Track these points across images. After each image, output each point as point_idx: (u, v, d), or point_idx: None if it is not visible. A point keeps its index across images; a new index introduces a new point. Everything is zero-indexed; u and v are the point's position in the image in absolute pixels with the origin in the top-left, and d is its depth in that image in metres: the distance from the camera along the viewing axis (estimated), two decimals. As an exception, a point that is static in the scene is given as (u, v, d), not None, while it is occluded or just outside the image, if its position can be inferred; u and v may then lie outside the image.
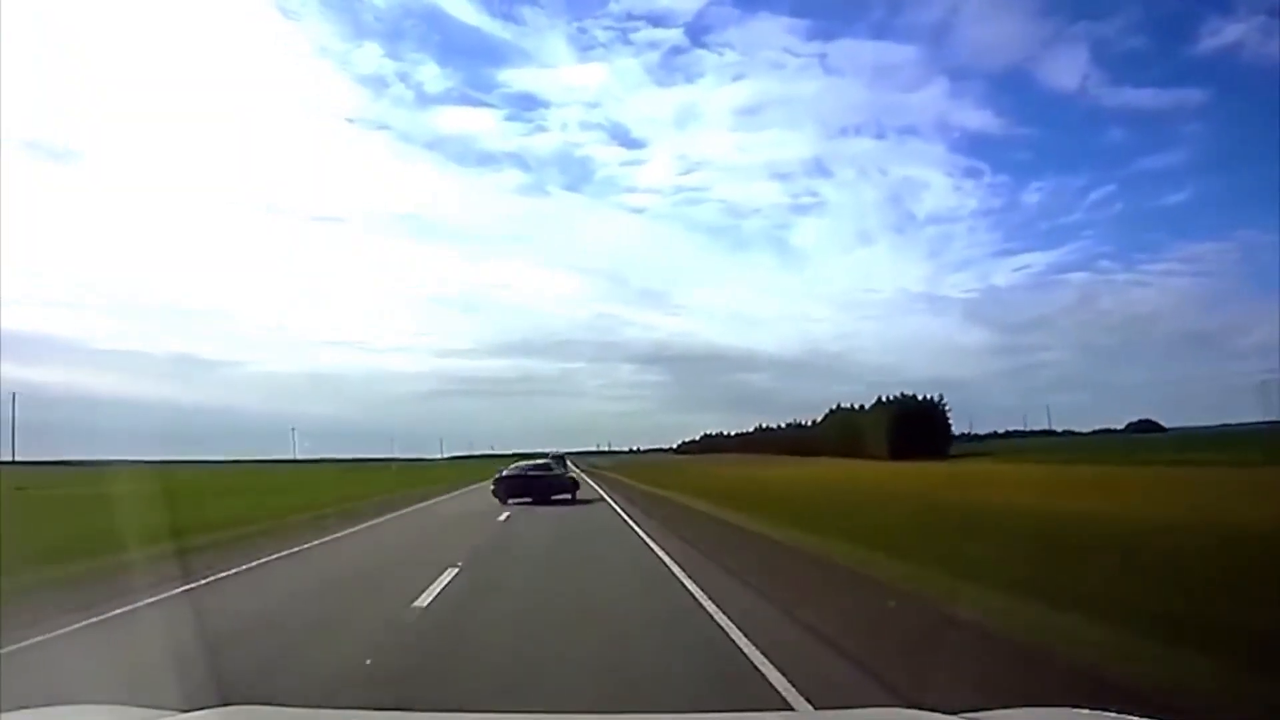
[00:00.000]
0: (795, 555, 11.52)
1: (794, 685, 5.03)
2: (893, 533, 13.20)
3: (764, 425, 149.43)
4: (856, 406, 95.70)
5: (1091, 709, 2.41)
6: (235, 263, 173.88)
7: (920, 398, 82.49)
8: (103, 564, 10.67)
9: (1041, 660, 5.39)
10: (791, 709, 4.56)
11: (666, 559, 11.66)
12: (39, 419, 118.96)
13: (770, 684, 5.12)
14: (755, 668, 5.52)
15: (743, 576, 9.65)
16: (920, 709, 2.78)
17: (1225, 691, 4.57)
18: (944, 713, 2.37)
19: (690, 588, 9.02)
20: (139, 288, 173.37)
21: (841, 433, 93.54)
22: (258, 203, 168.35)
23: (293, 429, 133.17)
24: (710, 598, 8.24)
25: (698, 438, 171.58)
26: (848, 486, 30.77)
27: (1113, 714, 2.35)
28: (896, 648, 5.90)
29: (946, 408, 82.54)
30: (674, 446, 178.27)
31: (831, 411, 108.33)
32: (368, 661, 5.82)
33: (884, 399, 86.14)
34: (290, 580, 10.61)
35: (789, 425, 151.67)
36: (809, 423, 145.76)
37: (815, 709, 4.60)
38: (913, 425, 77.44)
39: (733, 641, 6.31)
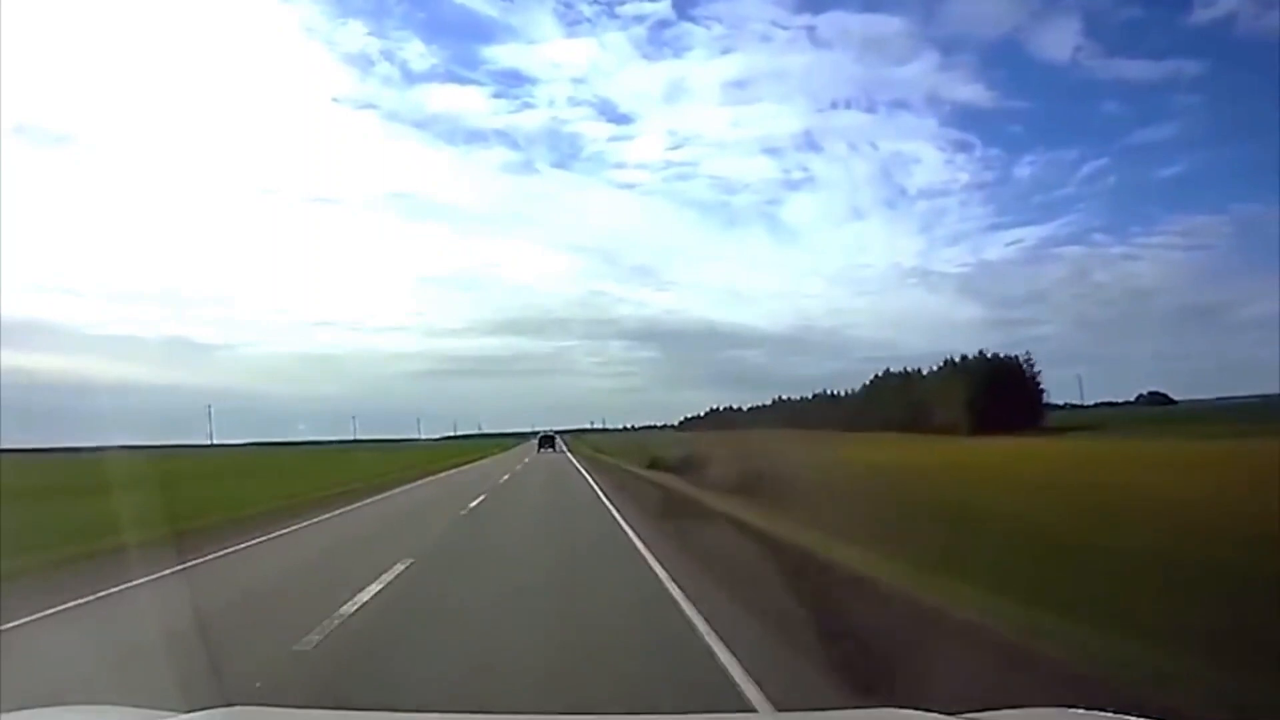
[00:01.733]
0: None
1: None
2: None
3: (783, 397, 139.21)
4: (911, 370, 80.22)
5: (1088, 709, 2.33)
6: (228, 245, 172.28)
7: (1001, 356, 67.17)
8: None
9: None
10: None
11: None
12: (32, 404, 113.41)
13: None
14: None
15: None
16: (919, 709, 2.50)
17: None
18: (944, 713, 2.32)
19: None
20: (130, 271, 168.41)
21: (896, 403, 78.70)
22: (248, 184, 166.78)
23: (209, 406, 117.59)
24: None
25: (703, 413, 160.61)
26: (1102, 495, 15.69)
27: (1110, 714, 2.29)
28: None
29: (1036, 370, 67.21)
30: (676, 424, 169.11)
31: (877, 378, 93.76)
32: None
33: (953, 360, 70.93)
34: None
35: (816, 396, 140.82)
36: (841, 393, 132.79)
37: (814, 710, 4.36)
38: (1000, 392, 62.34)
39: None
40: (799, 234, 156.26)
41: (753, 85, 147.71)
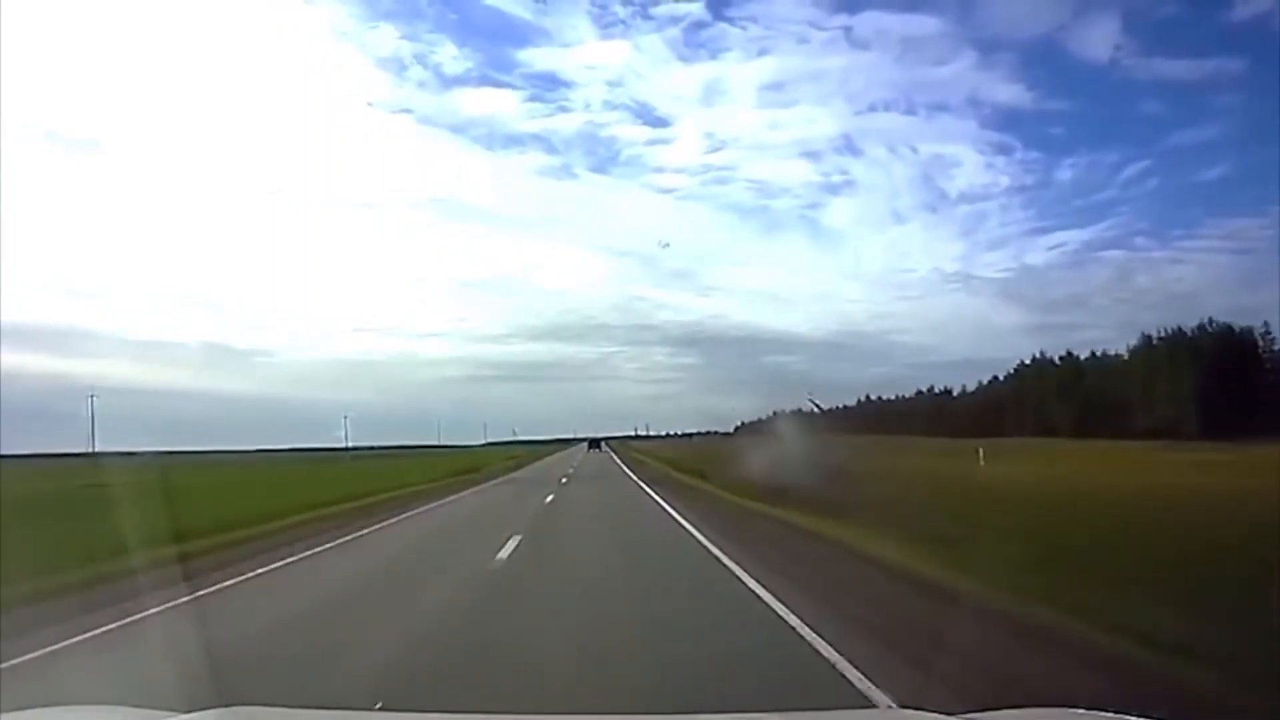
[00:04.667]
0: None
1: None
2: None
3: (870, 397, 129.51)
4: (1080, 355, 61.87)
5: (1088, 709, 2.36)
6: (265, 251, 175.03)
7: (1235, 329, 48.70)
8: None
9: None
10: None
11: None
12: (70, 411, 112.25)
13: None
14: None
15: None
16: (920, 709, 2.57)
17: None
18: (944, 713, 2.37)
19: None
20: (169, 278, 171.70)
21: (1060, 398, 61.01)
22: (285, 189, 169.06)
23: (90, 404, 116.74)
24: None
25: (764, 417, 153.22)
26: None
27: (1110, 714, 2.33)
28: None
29: (1276, 346, 48.62)
30: (732, 430, 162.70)
31: (1024, 365, 75.12)
32: None
33: (1161, 336, 52.52)
34: None
35: (921, 394, 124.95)
36: (954, 390, 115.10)
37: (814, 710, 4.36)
38: (1236, 380, 44.28)
39: None
40: (839, 238, 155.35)
41: (790, 87, 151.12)
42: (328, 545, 13.34)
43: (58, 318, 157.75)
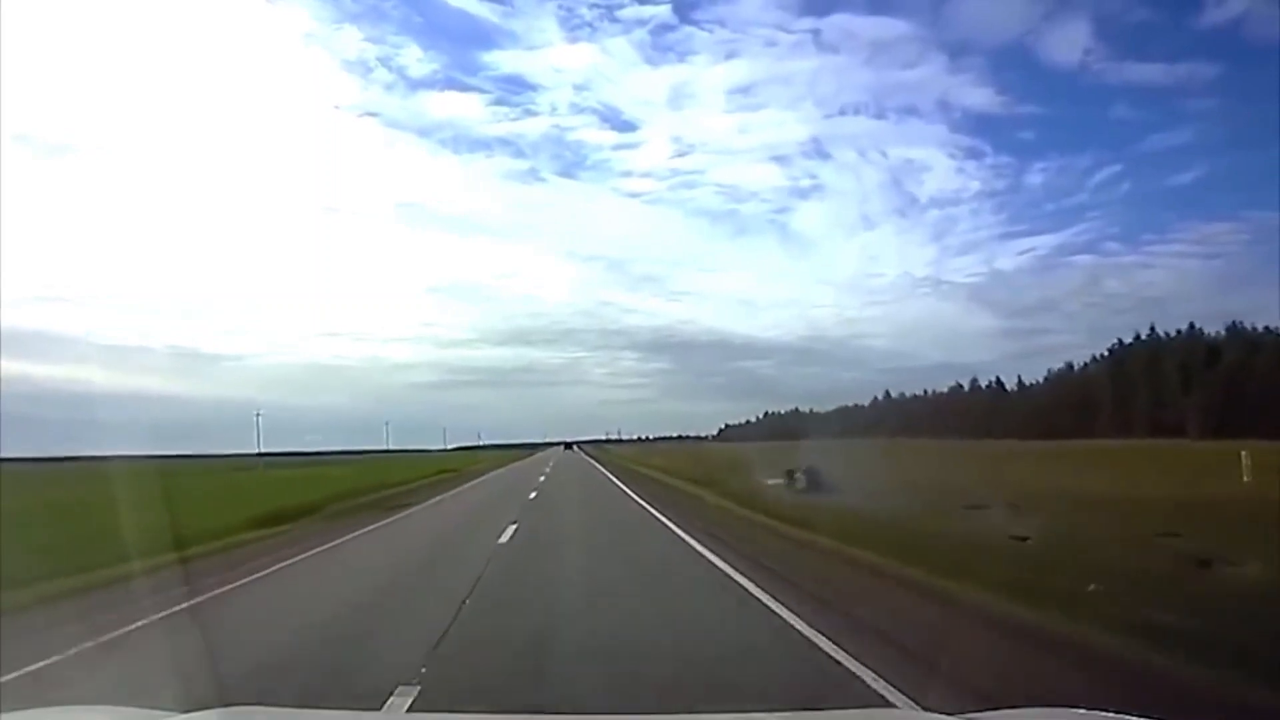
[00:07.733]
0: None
1: None
2: None
3: (889, 394, 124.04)
4: (1239, 326, 49.85)
5: (1089, 709, 2.33)
6: (233, 255, 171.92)
7: None
8: None
9: None
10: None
11: None
12: (38, 415, 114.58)
13: None
14: None
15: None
16: (920, 710, 2.59)
17: None
18: (944, 713, 2.31)
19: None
20: (138, 282, 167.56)
21: (1187, 387, 49.43)
22: (254, 193, 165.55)
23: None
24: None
25: (750, 420, 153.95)
26: None
27: (1111, 714, 2.29)
28: None
29: None
30: (714, 434, 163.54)
31: (1121, 346, 63.57)
32: None
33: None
34: None
35: (961, 387, 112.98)
36: (1012, 385, 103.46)
37: (814, 710, 4.23)
38: None
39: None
40: (809, 243, 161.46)
41: (758, 90, 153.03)
42: None
43: (26, 322, 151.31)
